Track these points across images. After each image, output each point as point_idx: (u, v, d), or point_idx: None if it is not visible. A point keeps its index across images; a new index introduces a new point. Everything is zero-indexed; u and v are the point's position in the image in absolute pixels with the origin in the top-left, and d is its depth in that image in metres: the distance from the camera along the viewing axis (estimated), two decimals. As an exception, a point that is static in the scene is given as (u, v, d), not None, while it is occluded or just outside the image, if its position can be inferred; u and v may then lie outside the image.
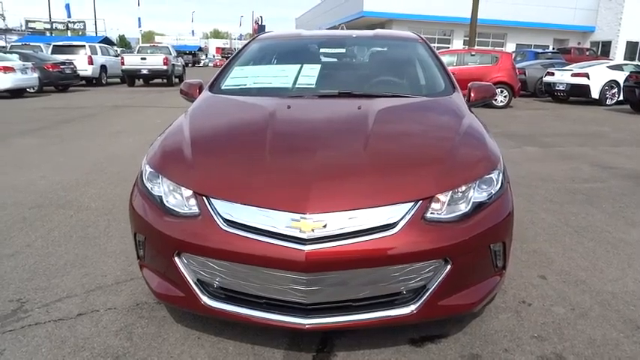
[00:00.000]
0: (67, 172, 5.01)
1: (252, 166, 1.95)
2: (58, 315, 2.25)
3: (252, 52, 3.39)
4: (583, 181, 4.96)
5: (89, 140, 6.90)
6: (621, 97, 12.88)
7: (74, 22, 46.12)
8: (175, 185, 1.93)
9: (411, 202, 1.78)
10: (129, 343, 2.04)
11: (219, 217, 1.79)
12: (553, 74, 14.18)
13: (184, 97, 3.14)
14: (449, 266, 1.79)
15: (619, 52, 26.95)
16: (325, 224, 1.70)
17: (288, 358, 1.95)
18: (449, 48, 24.66)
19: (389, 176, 1.87)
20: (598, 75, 13.40)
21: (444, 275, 1.79)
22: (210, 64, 57.34)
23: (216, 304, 1.86)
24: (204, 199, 1.84)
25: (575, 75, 13.57)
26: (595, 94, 13.38)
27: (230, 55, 3.61)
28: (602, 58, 21.97)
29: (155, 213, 1.94)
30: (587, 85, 13.34)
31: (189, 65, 38.32)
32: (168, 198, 1.94)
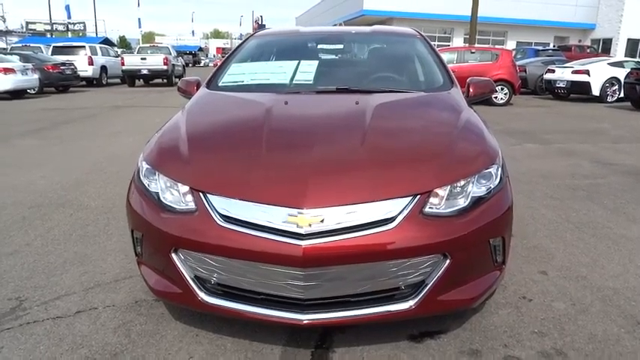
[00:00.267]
0: (67, 172, 5.01)
1: (248, 162, 1.94)
2: (56, 313, 2.25)
3: (250, 48, 3.38)
4: (583, 178, 4.94)
5: (89, 140, 6.90)
6: (622, 94, 12.83)
7: (74, 24, 46.22)
8: (172, 181, 1.93)
9: (409, 197, 1.77)
10: (127, 340, 2.04)
11: (215, 212, 1.78)
12: (553, 71, 14.13)
13: (182, 95, 3.14)
14: (448, 261, 1.78)
15: (620, 50, 26.87)
16: (322, 219, 1.69)
17: (286, 354, 1.94)
18: (449, 46, 24.61)
19: (387, 171, 1.87)
20: (599, 72, 13.36)
21: (442, 270, 1.78)
22: (211, 64, 57.32)
23: (214, 300, 1.85)
24: (200, 194, 1.83)
25: (576, 72, 13.53)
26: (596, 91, 13.33)
27: None
28: (602, 55, 21.91)
29: (152, 209, 1.93)
30: (588, 82, 13.29)
31: (189, 65, 38.34)
32: (164, 194, 1.93)
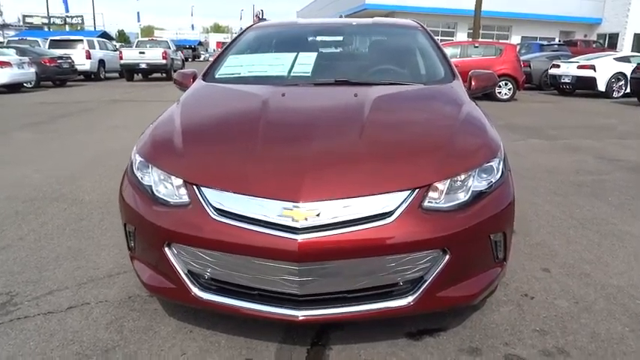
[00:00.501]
0: (63, 166, 5.00)
1: (243, 155, 1.93)
2: (47, 308, 2.24)
3: (248, 40, 3.36)
4: (588, 174, 4.91)
5: (86, 135, 6.89)
6: (628, 89, 12.77)
7: (72, 17, 46.15)
8: (165, 174, 1.92)
9: (408, 191, 1.75)
10: (119, 336, 2.03)
11: (209, 206, 1.76)
12: (559, 66, 14.07)
13: (178, 87, 3.13)
14: (447, 256, 1.76)
15: (626, 44, 26.74)
16: (319, 213, 1.67)
17: (282, 351, 1.93)
18: (452, 41, 24.51)
19: (385, 164, 1.85)
20: (604, 67, 13.29)
21: (442, 266, 1.77)
22: (211, 58, 57.14)
23: (208, 295, 1.84)
24: (194, 187, 1.82)
25: (581, 67, 13.47)
26: (601, 86, 13.27)
27: None
28: (609, 50, 21.81)
29: (145, 203, 1.92)
30: (594, 78, 13.23)
31: (189, 60, 38.28)
32: (158, 187, 1.92)
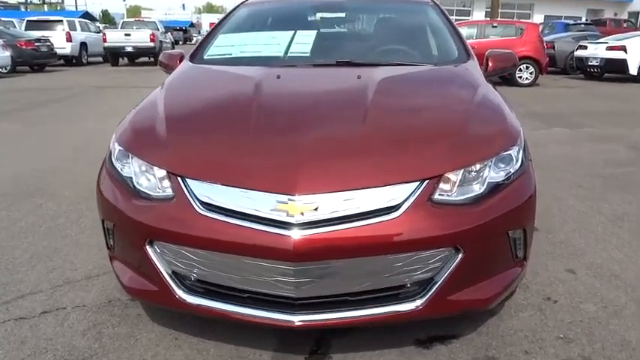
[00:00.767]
0: (41, 158, 5.00)
1: (233, 143, 1.91)
2: (19, 313, 2.23)
3: (240, 18, 3.34)
4: (617, 165, 4.87)
5: (67, 124, 6.89)
6: (663, 73, 12.67)
7: (52, -4, 46.11)
8: (147, 165, 1.90)
9: (416, 182, 1.72)
10: (97, 344, 2.02)
11: (195, 199, 1.74)
12: (586, 48, 13.96)
13: (164, 70, 3.12)
14: (460, 255, 1.74)
15: (661, 24, 26.53)
16: (316, 207, 1.65)
17: (276, 360, 1.91)
18: (468, 20, 24.37)
19: (390, 152, 1.83)
20: (637, 48, 13.16)
21: (454, 266, 1.74)
22: (204, 41, 57.15)
23: (194, 299, 1.82)
24: (178, 179, 1.80)
25: (611, 48, 13.34)
26: (633, 69, 13.14)
27: None
28: (641, 30, 21.63)
29: (124, 197, 1.91)
30: (624, 60, 13.10)
31: (179, 43, 38.26)
32: (139, 179, 1.90)
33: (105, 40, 18.70)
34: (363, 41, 3.22)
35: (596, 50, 13.63)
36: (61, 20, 18.77)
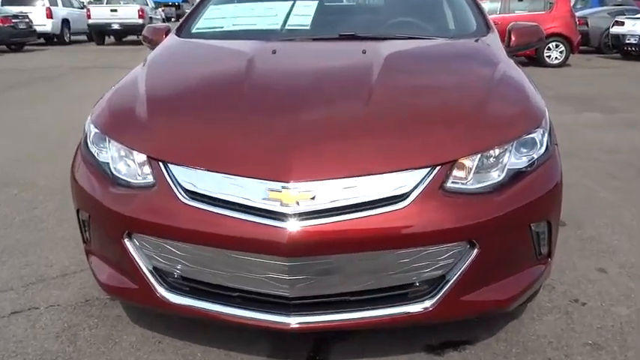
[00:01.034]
0: (18, 144, 5.04)
1: (221, 125, 1.92)
2: (-14, 313, 2.25)
3: (233, -14, 3.30)
4: (656, 154, 4.85)
5: (46, 108, 6.95)
6: None
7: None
8: (126, 149, 1.90)
9: (426, 168, 1.71)
10: (71, 347, 2.03)
11: (178, 187, 1.74)
12: (623, 24, 13.85)
13: (148, 46, 3.13)
14: (475, 251, 1.72)
15: None
16: (314, 196, 1.64)
17: (270, 367, 1.93)
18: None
19: (397, 135, 1.82)
20: (680, 24, 13.03)
21: (468, 262, 1.73)
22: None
23: (177, 298, 1.82)
24: (160, 165, 1.79)
25: (651, 24, 13.22)
26: (676, 48, 13.03)
27: None
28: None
29: (101, 184, 1.91)
30: (666, 38, 12.98)
31: (171, 19, 38.24)
32: (117, 165, 1.90)
33: (89, 17, 18.81)
34: (369, 12, 3.25)
35: (635, 27, 13.51)
36: (42, -6, 18.84)
